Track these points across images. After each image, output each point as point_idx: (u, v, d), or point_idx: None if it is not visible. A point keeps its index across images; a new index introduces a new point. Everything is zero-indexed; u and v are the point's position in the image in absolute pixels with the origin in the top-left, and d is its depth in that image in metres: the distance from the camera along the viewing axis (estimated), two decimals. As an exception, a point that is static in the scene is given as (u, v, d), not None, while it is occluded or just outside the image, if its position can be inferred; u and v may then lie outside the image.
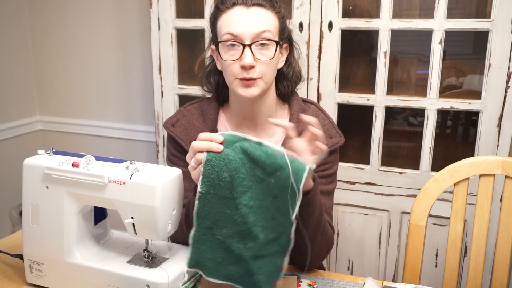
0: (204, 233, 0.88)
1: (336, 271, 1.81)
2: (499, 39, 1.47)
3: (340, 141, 1.15)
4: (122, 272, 0.93)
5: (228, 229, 0.86)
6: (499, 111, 1.52)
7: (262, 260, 0.86)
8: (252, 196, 0.85)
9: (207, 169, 0.85)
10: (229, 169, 0.84)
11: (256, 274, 0.87)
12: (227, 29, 1.04)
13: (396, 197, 1.69)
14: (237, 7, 1.04)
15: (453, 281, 1.20)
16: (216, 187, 0.85)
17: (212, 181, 0.85)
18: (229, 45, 1.05)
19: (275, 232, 0.86)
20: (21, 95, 2.43)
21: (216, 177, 0.85)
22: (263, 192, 0.85)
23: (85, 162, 0.94)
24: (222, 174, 0.84)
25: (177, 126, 1.18)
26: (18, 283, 1.03)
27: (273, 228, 0.86)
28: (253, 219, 0.85)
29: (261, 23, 1.04)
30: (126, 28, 2.22)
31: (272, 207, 0.85)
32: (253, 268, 0.86)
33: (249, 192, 0.85)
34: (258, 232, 0.85)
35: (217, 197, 0.86)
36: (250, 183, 0.85)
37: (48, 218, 0.97)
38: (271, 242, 0.86)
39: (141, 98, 2.28)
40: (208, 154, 0.85)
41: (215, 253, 0.88)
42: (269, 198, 0.85)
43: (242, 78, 1.05)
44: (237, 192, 0.85)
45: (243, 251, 0.86)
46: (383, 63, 1.62)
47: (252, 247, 0.86)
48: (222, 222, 0.86)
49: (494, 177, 1.16)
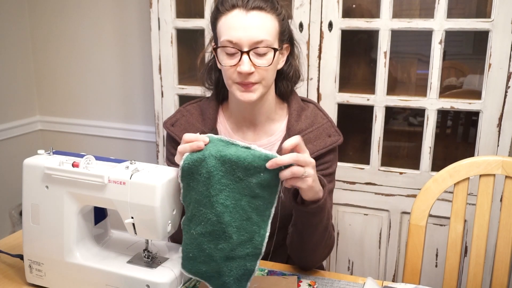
0: (185, 223, 0.89)
1: (336, 271, 1.81)
2: (499, 39, 1.47)
3: (338, 140, 1.15)
4: (122, 272, 0.93)
5: (202, 227, 0.86)
6: (499, 111, 1.52)
7: (233, 261, 0.86)
8: (229, 195, 0.84)
9: (185, 163, 0.85)
10: (208, 166, 0.84)
11: (226, 276, 0.87)
12: (226, 36, 1.03)
13: (396, 197, 1.69)
14: (236, 10, 1.03)
15: (453, 281, 1.20)
16: (194, 180, 0.85)
17: (190, 175, 0.85)
18: (227, 50, 1.04)
19: (248, 233, 0.85)
20: (21, 95, 2.43)
21: (194, 171, 0.85)
22: (240, 192, 0.84)
23: (85, 162, 0.94)
24: (200, 170, 0.84)
25: (177, 126, 1.18)
26: (18, 283, 1.03)
27: (246, 229, 0.85)
28: (228, 219, 0.84)
29: (260, 30, 1.02)
30: (126, 28, 2.22)
31: (248, 207, 0.84)
32: (223, 269, 0.86)
33: (226, 191, 0.84)
34: (232, 232, 0.85)
35: (195, 192, 0.86)
36: (228, 181, 0.84)
37: (48, 218, 0.97)
38: (243, 243, 0.85)
39: (141, 98, 2.28)
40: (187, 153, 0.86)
41: (188, 247, 0.89)
42: (246, 198, 0.84)
43: (240, 82, 1.05)
44: (214, 189, 0.84)
45: (214, 251, 0.86)
46: (383, 63, 1.62)
47: (224, 248, 0.85)
48: (198, 218, 0.86)
49: (494, 177, 1.16)
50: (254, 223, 0.85)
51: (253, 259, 0.86)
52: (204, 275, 0.89)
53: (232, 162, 0.83)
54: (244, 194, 0.84)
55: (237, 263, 0.86)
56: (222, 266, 0.86)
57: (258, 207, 0.85)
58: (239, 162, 0.83)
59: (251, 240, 0.85)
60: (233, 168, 0.84)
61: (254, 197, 0.84)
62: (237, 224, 0.85)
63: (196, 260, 0.88)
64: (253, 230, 0.85)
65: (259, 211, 0.85)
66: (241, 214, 0.85)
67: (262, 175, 0.83)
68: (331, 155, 1.15)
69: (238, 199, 0.84)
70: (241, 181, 0.84)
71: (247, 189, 0.84)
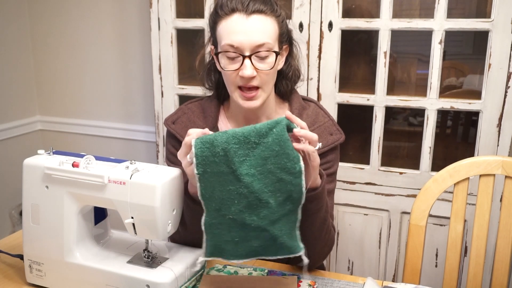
0: (214, 217, 0.86)
1: (336, 271, 1.81)
2: (499, 39, 1.47)
3: (340, 138, 1.15)
4: (122, 272, 0.93)
5: (236, 205, 0.84)
6: (499, 111, 1.52)
7: (279, 222, 0.85)
8: (252, 164, 0.83)
9: (198, 149, 0.83)
10: (220, 143, 0.82)
11: (279, 237, 0.86)
12: (227, 40, 1.03)
13: (396, 197, 1.69)
14: (236, 14, 1.02)
15: (453, 281, 1.20)
16: (211, 165, 0.83)
17: (206, 159, 0.83)
18: (228, 55, 1.04)
19: (284, 193, 0.84)
20: (21, 95, 2.43)
21: (209, 154, 0.83)
22: (262, 156, 0.82)
23: (85, 162, 0.94)
24: (214, 149, 0.83)
25: (178, 124, 1.18)
26: (18, 283, 1.03)
27: (281, 190, 0.84)
28: (259, 186, 0.83)
29: (261, 34, 1.02)
30: (126, 28, 2.22)
31: (275, 168, 0.82)
32: (275, 233, 0.85)
33: (247, 161, 0.83)
34: (268, 197, 0.83)
35: (216, 175, 0.84)
36: (246, 151, 0.82)
37: (48, 218, 0.97)
38: (283, 204, 0.84)
39: (141, 98, 2.28)
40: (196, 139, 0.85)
41: (231, 234, 0.86)
42: (270, 159, 0.82)
43: (242, 85, 1.05)
44: (234, 164, 0.82)
45: (259, 221, 0.84)
46: (383, 63, 1.62)
47: (266, 214, 0.84)
48: (228, 200, 0.84)
49: (494, 177, 1.16)
50: (287, 182, 0.83)
51: (296, 212, 0.86)
52: (258, 250, 0.88)
53: (242, 132, 0.83)
54: (265, 157, 0.82)
55: (283, 222, 0.85)
56: (272, 231, 0.85)
57: (285, 166, 0.82)
58: (248, 131, 0.82)
59: (290, 198, 0.84)
60: (245, 137, 0.82)
61: (277, 155, 0.82)
62: (269, 188, 0.83)
63: (244, 240, 0.86)
64: (288, 189, 0.84)
65: (288, 169, 0.82)
66: (270, 178, 0.83)
67: (275, 131, 0.82)
68: (333, 154, 1.15)
69: (263, 164, 0.83)
70: (258, 145, 0.82)
71: (266, 150, 0.82)
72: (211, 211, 0.86)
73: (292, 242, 0.87)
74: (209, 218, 0.87)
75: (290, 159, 0.82)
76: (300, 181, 0.83)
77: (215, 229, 0.87)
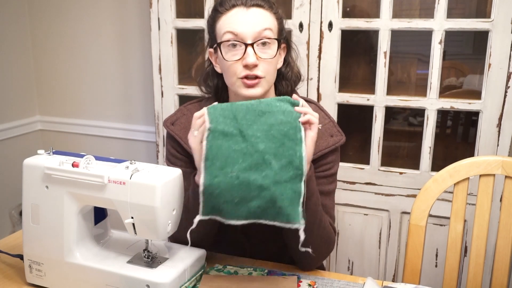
0: (216, 175, 0.88)
1: (336, 271, 1.81)
2: (499, 39, 1.48)
3: (341, 140, 1.15)
4: (122, 272, 0.93)
5: (241, 163, 0.88)
6: (499, 111, 1.52)
7: (281, 185, 0.88)
8: (258, 128, 0.90)
9: (210, 111, 0.92)
10: (230, 109, 0.92)
11: (279, 201, 0.88)
12: (228, 28, 1.04)
13: (396, 197, 1.70)
14: (236, 8, 1.04)
15: (453, 281, 1.20)
16: (221, 124, 0.90)
17: (217, 119, 0.91)
18: (230, 45, 1.04)
19: (286, 157, 0.89)
20: (21, 95, 2.43)
21: (219, 116, 0.91)
22: (267, 122, 0.90)
23: (85, 162, 0.94)
24: (224, 113, 0.91)
25: (177, 125, 1.18)
26: (18, 283, 1.03)
27: (283, 154, 0.89)
28: (263, 147, 0.89)
29: (261, 22, 1.04)
30: (126, 28, 2.22)
31: (278, 134, 0.90)
32: (276, 194, 0.88)
33: (254, 125, 0.90)
34: (271, 159, 0.89)
35: (224, 135, 0.90)
36: (254, 117, 0.91)
37: (48, 218, 0.97)
38: (285, 168, 0.89)
39: (141, 98, 2.28)
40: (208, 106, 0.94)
41: (231, 193, 0.88)
42: (274, 126, 0.90)
43: (245, 76, 1.04)
44: (242, 125, 0.90)
45: (262, 180, 0.88)
46: (383, 63, 1.62)
47: (268, 174, 0.88)
48: (233, 158, 0.89)
49: (494, 177, 1.16)
50: (288, 147, 0.89)
51: (297, 181, 0.89)
52: (257, 212, 0.89)
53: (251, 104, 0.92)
54: (271, 123, 0.90)
55: (284, 186, 0.88)
56: (274, 191, 0.88)
57: (287, 133, 0.90)
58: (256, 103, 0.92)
59: (291, 163, 0.89)
60: (252, 105, 0.92)
61: (280, 123, 0.90)
62: (273, 151, 0.89)
63: (244, 201, 0.88)
64: (290, 154, 0.89)
65: (289, 135, 0.90)
66: (274, 142, 0.89)
67: (278, 104, 0.92)
68: (333, 156, 1.15)
69: (268, 130, 0.90)
70: (264, 114, 0.91)
71: (271, 118, 0.91)
72: (214, 169, 0.88)
73: (292, 210, 0.88)
74: (210, 177, 0.88)
75: (292, 127, 0.90)
76: (300, 148, 0.89)
77: (216, 189, 0.88)
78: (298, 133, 0.90)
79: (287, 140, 0.89)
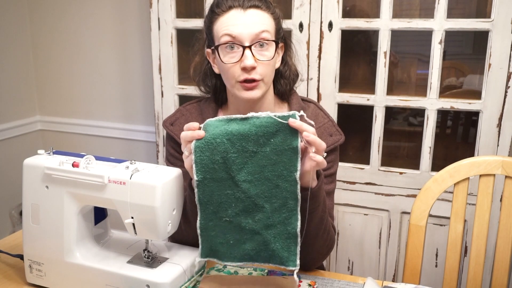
0: (211, 219, 0.90)
1: (336, 271, 1.81)
2: (499, 39, 1.48)
3: (340, 139, 1.15)
4: (122, 272, 0.93)
5: (233, 208, 0.88)
6: (499, 111, 1.52)
7: (274, 228, 0.88)
8: (249, 171, 0.86)
9: (197, 156, 0.87)
10: (219, 151, 0.86)
11: (272, 243, 0.88)
12: (226, 30, 1.04)
13: (396, 197, 1.69)
14: (233, 10, 1.04)
15: (453, 281, 1.20)
16: (211, 171, 0.87)
17: (205, 166, 0.87)
18: (228, 48, 1.04)
19: (280, 199, 0.87)
20: (21, 95, 2.43)
21: (208, 162, 0.86)
22: (259, 164, 0.86)
23: (85, 162, 0.94)
24: (213, 157, 0.86)
25: (176, 125, 1.18)
26: (18, 283, 1.03)
27: (277, 196, 0.87)
28: (255, 191, 0.87)
29: (259, 24, 1.04)
30: (126, 28, 2.22)
31: (272, 176, 0.86)
32: (268, 238, 0.88)
33: (245, 168, 0.86)
34: (263, 202, 0.87)
35: (215, 181, 0.88)
36: (244, 159, 0.86)
37: (48, 218, 0.97)
38: (278, 210, 0.87)
39: (141, 98, 2.28)
40: (195, 142, 0.87)
41: (226, 236, 0.90)
42: (267, 167, 0.86)
43: (243, 80, 1.04)
44: (233, 171, 0.86)
45: (254, 225, 0.88)
46: (383, 63, 1.62)
47: (261, 218, 0.88)
48: (226, 203, 0.88)
49: (494, 177, 1.16)
50: (283, 189, 0.86)
51: (291, 221, 0.87)
52: (251, 254, 0.90)
53: (240, 138, 0.85)
54: (263, 165, 0.86)
55: (278, 229, 0.88)
56: (265, 235, 0.88)
57: (282, 174, 0.86)
58: (246, 137, 0.85)
59: (285, 205, 0.87)
60: (242, 146, 0.85)
61: (274, 164, 0.85)
62: (266, 194, 0.87)
63: (239, 243, 0.90)
64: (284, 196, 0.87)
65: (284, 177, 0.86)
66: (267, 184, 0.86)
67: (273, 141, 0.84)
68: (332, 155, 1.15)
69: (260, 172, 0.86)
70: (256, 154, 0.86)
71: (263, 159, 0.86)
72: (208, 213, 0.90)
73: (286, 253, 0.89)
74: (205, 221, 0.90)
75: (287, 167, 0.85)
76: (295, 189, 0.86)
77: (211, 231, 0.91)
78: (293, 174, 0.85)
79: (281, 182, 0.86)
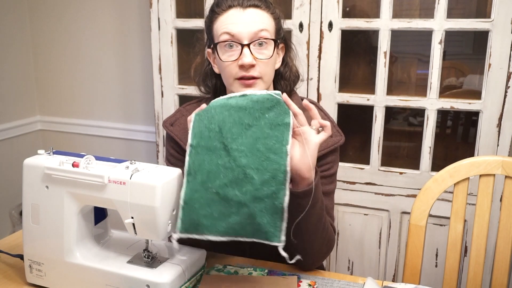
0: (197, 190, 0.88)
1: (336, 271, 1.81)
2: (499, 39, 1.47)
3: (340, 140, 1.15)
4: (122, 272, 0.93)
5: (222, 179, 0.87)
6: (499, 111, 1.52)
7: (261, 202, 0.87)
8: (243, 142, 0.88)
9: (195, 122, 0.90)
10: (217, 120, 0.89)
11: (258, 217, 0.87)
12: (225, 29, 1.04)
13: (396, 197, 1.69)
14: (233, 9, 1.05)
15: (453, 281, 1.20)
16: (205, 139, 0.89)
17: (201, 133, 0.89)
18: (227, 46, 1.05)
19: (269, 172, 0.87)
20: (21, 95, 2.43)
21: (204, 129, 0.89)
22: (253, 136, 0.88)
23: (85, 162, 0.94)
24: (210, 125, 0.89)
25: (176, 125, 1.18)
26: (18, 283, 1.03)
27: (267, 168, 0.87)
28: (246, 161, 0.87)
29: (258, 23, 1.04)
30: (126, 28, 2.22)
31: (264, 148, 0.88)
32: (254, 211, 0.86)
33: (239, 139, 0.88)
34: (253, 173, 0.87)
35: (208, 149, 0.89)
36: (239, 130, 0.88)
37: (48, 218, 0.97)
38: (267, 182, 0.87)
39: (141, 98, 2.28)
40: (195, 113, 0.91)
41: (211, 208, 0.88)
42: (260, 140, 0.88)
43: (241, 76, 1.04)
44: (227, 139, 0.88)
45: (241, 197, 0.87)
46: (383, 63, 1.62)
47: (249, 189, 0.87)
48: (215, 173, 0.88)
49: (494, 177, 1.16)
50: (273, 161, 0.87)
51: (279, 196, 0.87)
52: (236, 229, 0.88)
53: (238, 110, 0.89)
54: (256, 137, 0.88)
55: (265, 202, 0.87)
56: (252, 208, 0.87)
57: (273, 147, 0.88)
58: (243, 109, 0.89)
59: (274, 178, 0.87)
60: (239, 117, 0.88)
61: (267, 137, 0.88)
62: (256, 165, 0.87)
63: (224, 216, 0.88)
64: (274, 168, 0.87)
65: (275, 149, 0.88)
66: (258, 156, 0.88)
67: (267, 116, 0.88)
68: (332, 156, 1.15)
69: (252, 144, 0.88)
70: (250, 127, 0.88)
71: (257, 132, 0.88)
72: (195, 184, 0.88)
73: (271, 228, 0.87)
74: (191, 192, 0.88)
75: (279, 140, 0.88)
76: (284, 162, 0.87)
77: (195, 203, 0.88)
78: (284, 147, 0.87)
79: (272, 154, 0.87)
